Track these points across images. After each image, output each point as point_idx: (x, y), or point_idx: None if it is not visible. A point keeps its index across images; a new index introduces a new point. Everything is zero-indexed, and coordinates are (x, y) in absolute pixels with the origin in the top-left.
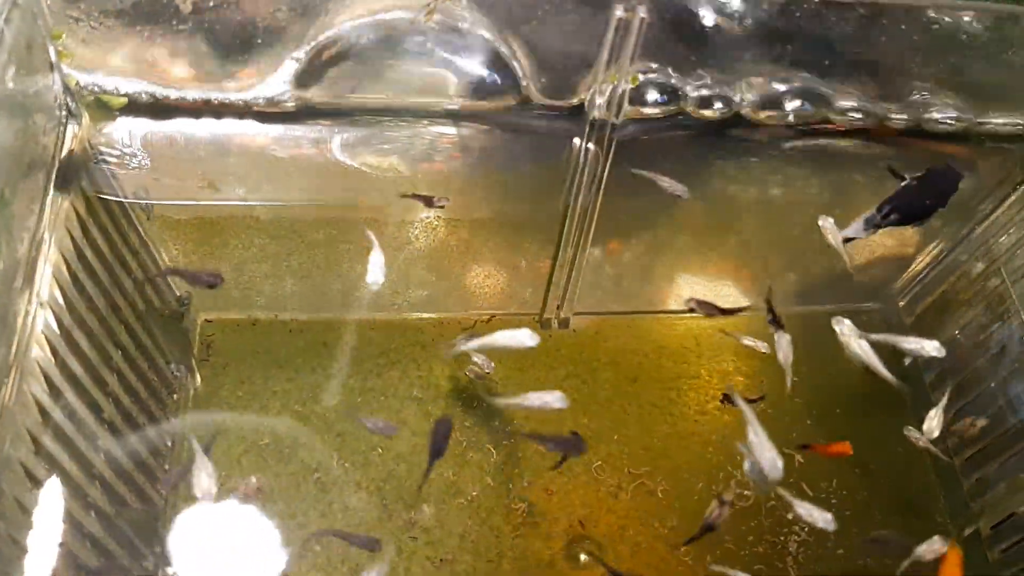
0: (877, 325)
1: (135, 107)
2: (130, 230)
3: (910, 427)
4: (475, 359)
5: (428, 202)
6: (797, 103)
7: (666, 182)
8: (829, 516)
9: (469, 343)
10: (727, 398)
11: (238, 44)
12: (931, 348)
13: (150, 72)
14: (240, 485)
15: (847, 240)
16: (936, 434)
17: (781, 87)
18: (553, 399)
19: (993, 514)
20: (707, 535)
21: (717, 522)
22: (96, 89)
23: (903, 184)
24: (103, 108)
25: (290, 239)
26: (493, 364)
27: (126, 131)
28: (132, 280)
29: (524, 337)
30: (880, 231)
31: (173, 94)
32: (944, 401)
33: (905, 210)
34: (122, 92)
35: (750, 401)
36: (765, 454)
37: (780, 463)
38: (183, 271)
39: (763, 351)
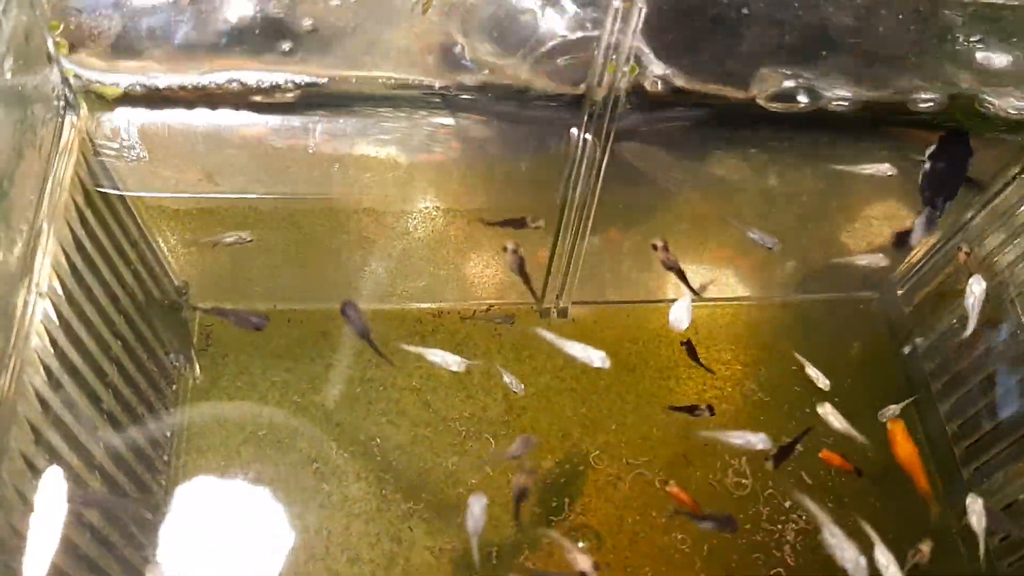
0: (876, 314)
1: (133, 98)
2: (129, 221)
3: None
4: (506, 379)
5: (520, 224)
6: (798, 93)
7: (756, 234)
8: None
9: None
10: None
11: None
12: None
13: (150, 61)
14: (239, 475)
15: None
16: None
17: (784, 77)
18: (596, 357)
19: (992, 503)
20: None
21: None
22: (94, 80)
23: (926, 168)
24: (101, 99)
25: (288, 230)
26: (524, 386)
27: (124, 122)
28: (131, 271)
29: (595, 358)
30: (879, 221)
31: (171, 83)
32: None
33: (943, 189)
34: (121, 83)
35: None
36: (847, 556)
37: (863, 561)
38: (228, 312)
39: None
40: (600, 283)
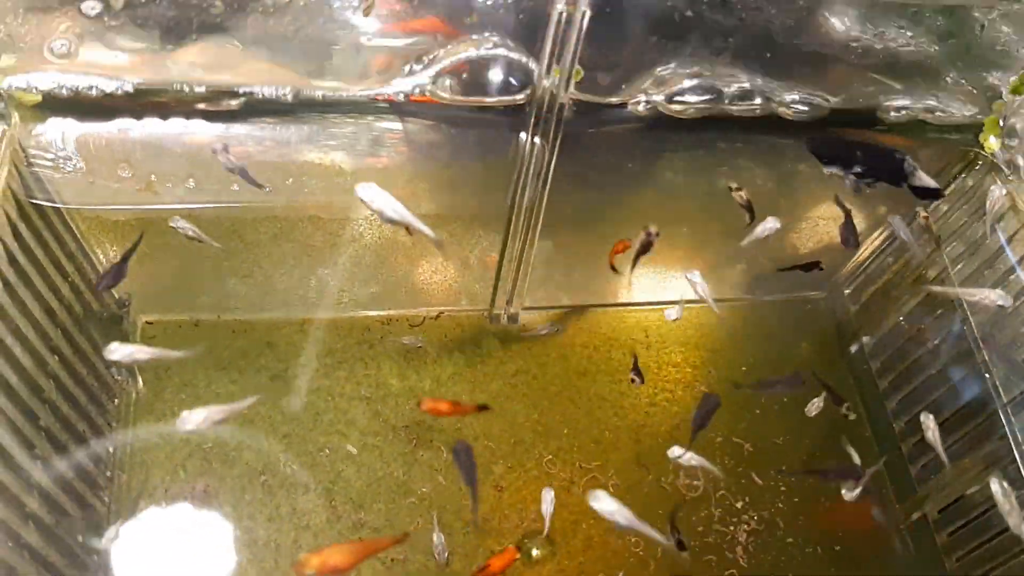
0: (823, 313)
1: (67, 107)
2: (65, 233)
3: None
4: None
5: (807, 268)
6: (742, 96)
7: None
8: None
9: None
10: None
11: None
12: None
13: (84, 66)
14: (185, 490)
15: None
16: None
17: (726, 81)
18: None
19: (940, 498)
20: None
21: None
22: (15, 87)
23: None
24: (34, 109)
25: (231, 239)
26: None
27: (59, 133)
28: (68, 284)
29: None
30: (826, 221)
31: (104, 89)
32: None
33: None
34: (60, 91)
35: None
36: None
37: None
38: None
39: None
40: (551, 288)
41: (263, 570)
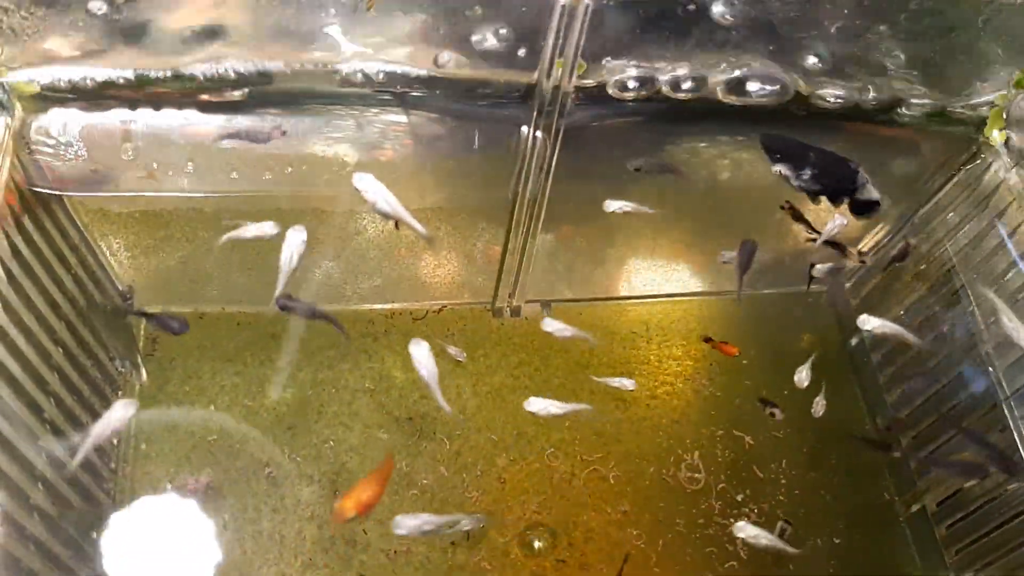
0: (824, 306)
1: (71, 97)
2: (69, 225)
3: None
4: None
5: (843, 251)
6: (756, 86)
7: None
8: None
9: None
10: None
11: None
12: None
13: (84, 59)
14: (189, 481)
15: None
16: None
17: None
18: None
19: (939, 491)
20: None
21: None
22: (16, 78)
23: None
24: (36, 99)
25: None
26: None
27: (62, 123)
28: (72, 276)
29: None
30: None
31: (104, 78)
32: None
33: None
34: (59, 82)
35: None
36: None
37: None
38: (150, 316)
39: None
40: (554, 281)
41: (267, 561)
